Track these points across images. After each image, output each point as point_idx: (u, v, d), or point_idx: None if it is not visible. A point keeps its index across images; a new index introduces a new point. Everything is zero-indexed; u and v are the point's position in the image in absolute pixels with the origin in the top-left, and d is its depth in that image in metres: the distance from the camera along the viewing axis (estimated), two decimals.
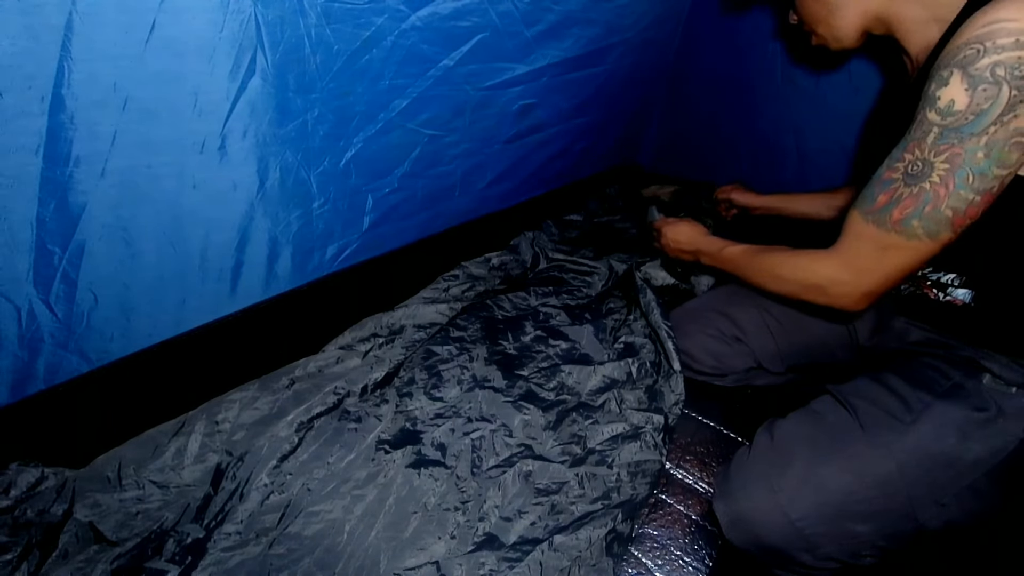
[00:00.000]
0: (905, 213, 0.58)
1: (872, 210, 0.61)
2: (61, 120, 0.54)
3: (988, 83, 0.51)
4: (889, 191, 0.59)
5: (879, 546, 0.63)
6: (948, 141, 0.54)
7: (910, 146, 0.57)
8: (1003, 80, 0.50)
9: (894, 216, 0.58)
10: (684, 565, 0.70)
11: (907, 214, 0.57)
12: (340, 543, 0.65)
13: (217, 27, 0.60)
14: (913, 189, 0.57)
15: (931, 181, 0.55)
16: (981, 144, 0.52)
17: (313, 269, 0.89)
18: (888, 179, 0.60)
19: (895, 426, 0.63)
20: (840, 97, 1.22)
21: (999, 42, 0.50)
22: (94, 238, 0.62)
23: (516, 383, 0.89)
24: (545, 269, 1.24)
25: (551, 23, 0.99)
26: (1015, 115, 0.51)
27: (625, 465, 0.77)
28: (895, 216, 0.58)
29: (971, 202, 0.54)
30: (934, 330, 0.73)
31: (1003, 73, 0.50)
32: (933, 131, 0.55)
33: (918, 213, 0.57)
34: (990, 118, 0.51)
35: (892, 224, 0.59)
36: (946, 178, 0.54)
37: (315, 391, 0.81)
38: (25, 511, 0.64)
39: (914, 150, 0.57)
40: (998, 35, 0.50)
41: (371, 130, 0.83)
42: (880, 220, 0.60)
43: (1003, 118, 0.51)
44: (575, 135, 1.31)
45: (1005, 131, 0.51)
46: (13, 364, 0.63)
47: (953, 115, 0.53)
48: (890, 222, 0.59)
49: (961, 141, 0.53)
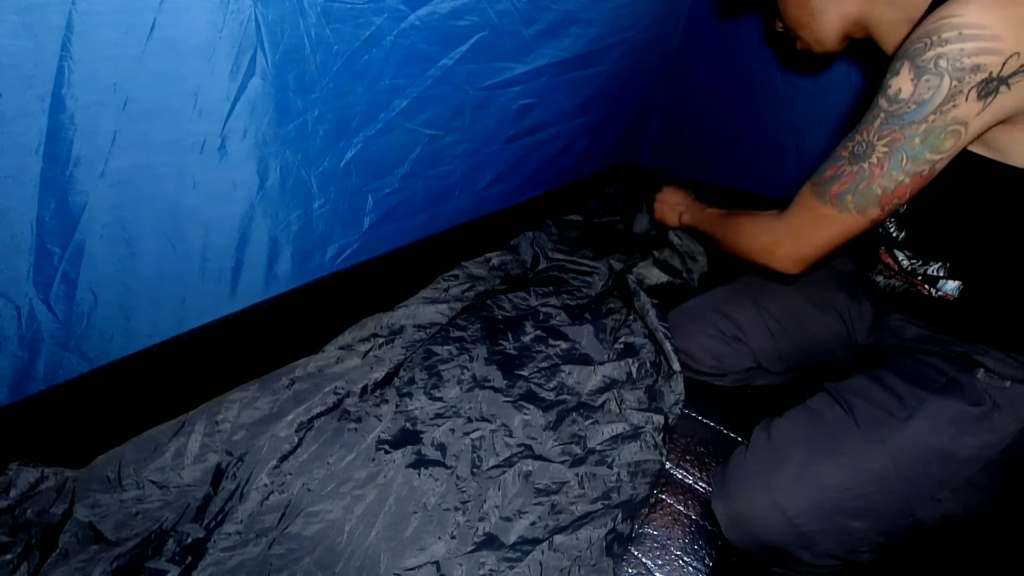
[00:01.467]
0: (843, 188, 0.62)
1: (818, 182, 0.66)
2: (61, 120, 0.54)
3: (931, 74, 0.54)
4: (835, 167, 0.64)
5: (877, 542, 0.63)
6: (891, 127, 0.57)
7: (861, 129, 0.61)
8: (945, 71, 0.53)
9: (833, 190, 0.63)
10: (684, 565, 0.70)
11: (844, 189, 0.62)
12: (340, 543, 0.65)
13: (217, 27, 0.60)
14: (854, 167, 0.61)
15: (870, 162, 0.60)
16: (920, 131, 0.56)
17: (313, 269, 0.89)
18: (838, 156, 0.64)
19: (890, 422, 0.64)
20: (840, 97, 1.22)
21: (944, 35, 0.53)
22: (94, 238, 0.62)
23: (516, 383, 0.89)
24: (545, 269, 1.24)
25: (550, 22, 0.99)
26: (954, 104, 0.54)
27: (625, 465, 0.77)
28: (833, 190, 0.63)
29: (900, 183, 0.59)
30: (929, 326, 0.73)
31: (945, 64, 0.53)
32: (880, 116, 0.58)
33: (852, 189, 0.62)
34: (931, 107, 0.54)
35: (830, 197, 0.64)
36: (883, 160, 0.59)
37: (315, 391, 0.81)
38: (25, 511, 0.64)
39: (864, 132, 0.60)
40: (944, 29, 0.53)
41: (371, 130, 0.83)
42: (821, 192, 0.65)
43: (942, 107, 0.54)
44: (575, 135, 1.30)
45: (943, 119, 0.54)
46: (13, 364, 0.63)
47: (898, 103, 0.56)
48: (829, 195, 0.64)
49: (903, 127, 0.57)
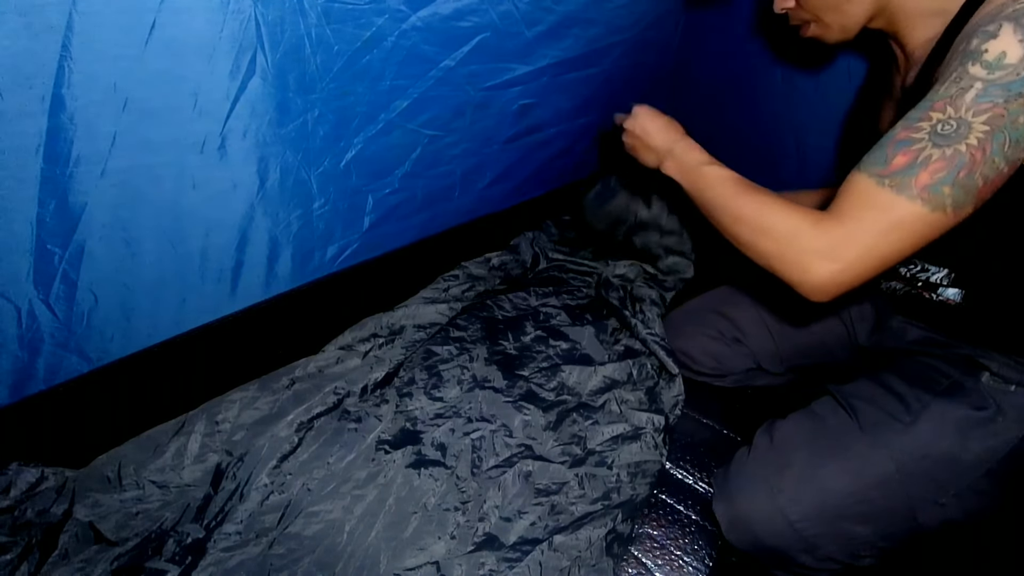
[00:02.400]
0: (936, 177, 0.48)
1: (888, 172, 0.50)
2: (61, 120, 0.54)
3: None
4: (910, 152, 0.50)
5: (879, 547, 0.63)
6: (991, 99, 0.47)
7: (938, 104, 0.50)
8: None
9: (921, 179, 0.49)
10: (684, 565, 0.70)
11: (938, 178, 0.48)
12: (340, 543, 0.65)
13: (217, 27, 0.60)
14: (946, 150, 0.48)
15: (967, 143, 0.47)
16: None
17: (313, 269, 0.89)
18: (906, 139, 0.50)
19: (894, 426, 0.63)
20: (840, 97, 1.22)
21: None
22: (94, 238, 0.62)
23: (516, 383, 0.89)
24: (545, 269, 1.24)
25: (551, 23, 0.99)
26: None
27: (625, 465, 0.77)
28: (922, 180, 0.49)
29: (999, 172, 0.48)
30: (932, 329, 0.73)
31: None
32: (975, 86, 0.48)
33: (950, 178, 0.48)
34: None
35: (918, 189, 0.49)
36: (984, 141, 0.47)
37: (315, 391, 0.81)
38: (25, 511, 0.64)
39: (945, 108, 0.49)
40: None
41: (372, 130, 0.83)
42: (902, 184, 0.49)
43: None
44: (575, 135, 1.30)
45: None
46: (13, 364, 0.63)
47: (1003, 68, 0.47)
48: (916, 186, 0.49)
49: (1007, 100, 0.46)
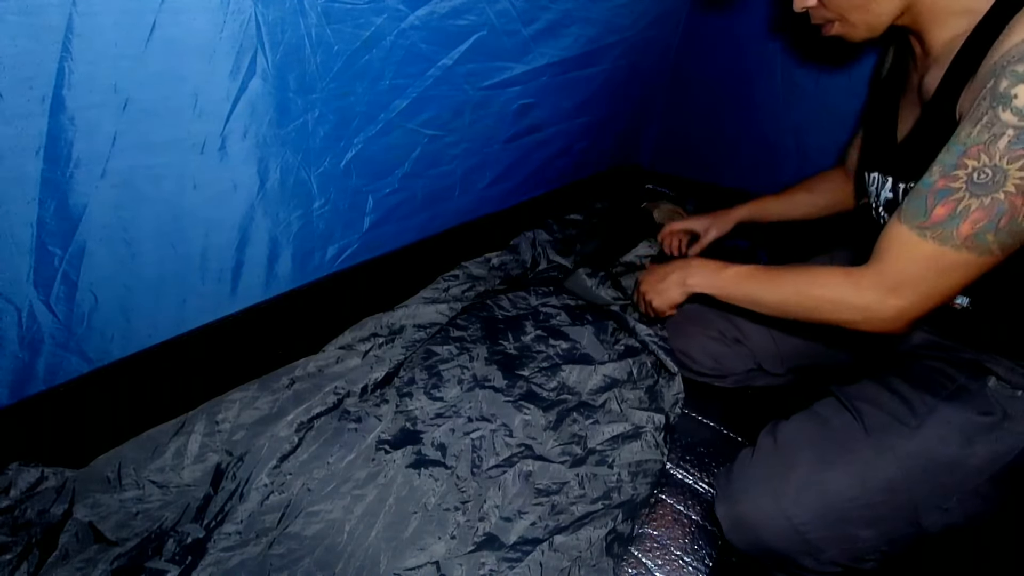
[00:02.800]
0: (977, 227, 0.51)
1: (929, 224, 0.54)
2: (61, 121, 0.54)
3: None
4: (950, 202, 0.52)
5: (881, 550, 0.62)
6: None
7: (972, 150, 0.51)
8: None
9: (963, 231, 0.52)
10: (684, 565, 0.70)
11: (979, 228, 0.51)
12: (340, 543, 0.65)
13: (217, 27, 0.60)
14: (984, 200, 0.50)
15: (1005, 191, 0.49)
16: None
17: (313, 269, 0.89)
18: (945, 188, 0.53)
19: (900, 430, 0.63)
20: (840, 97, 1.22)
21: None
22: (94, 239, 0.62)
23: (516, 383, 0.89)
24: (545, 269, 1.24)
25: (549, 22, 0.99)
26: None
27: (626, 465, 0.77)
28: (964, 231, 0.52)
29: None
30: (937, 332, 0.72)
31: None
32: (1007, 133, 0.49)
33: (992, 226, 0.51)
34: None
35: (961, 240, 0.52)
36: (1022, 187, 0.49)
37: (315, 391, 0.81)
38: (25, 511, 0.64)
39: (979, 155, 0.50)
40: None
41: (371, 130, 0.84)
42: (944, 236, 0.53)
43: None
44: (575, 135, 1.31)
45: None
46: (13, 364, 0.63)
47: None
48: (959, 237, 0.52)
49: None
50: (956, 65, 0.59)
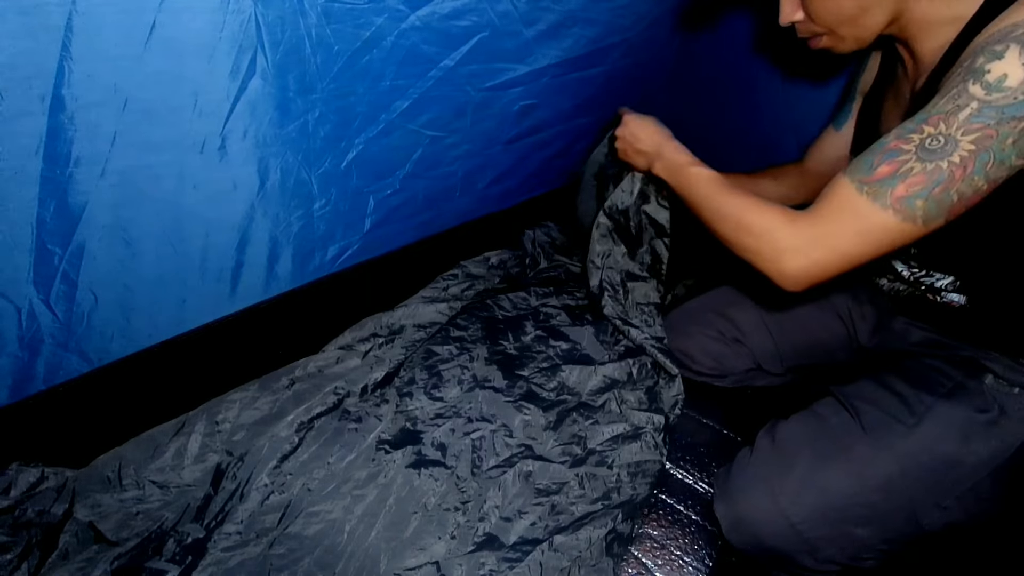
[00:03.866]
0: (912, 190, 0.51)
1: (869, 180, 0.54)
2: (61, 120, 0.54)
3: None
4: (894, 163, 0.53)
5: (880, 549, 0.63)
6: (984, 119, 0.48)
7: (933, 119, 0.51)
8: None
9: (897, 191, 0.52)
10: (684, 565, 0.70)
11: (913, 191, 0.51)
12: (340, 543, 0.65)
13: (217, 27, 0.60)
14: (927, 165, 0.51)
15: (950, 160, 0.49)
16: (1017, 129, 0.47)
17: (314, 270, 0.89)
18: (895, 149, 0.53)
19: (898, 429, 0.63)
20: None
21: None
22: (94, 238, 0.62)
23: (516, 383, 0.89)
24: (545, 269, 1.24)
25: (551, 23, 0.99)
26: None
27: (625, 465, 0.77)
28: (899, 192, 0.52)
29: (978, 190, 0.50)
30: (935, 330, 0.73)
31: None
32: (971, 106, 0.49)
33: (925, 192, 0.51)
34: None
35: (893, 200, 0.52)
36: (967, 160, 0.49)
37: (315, 391, 0.81)
38: (25, 511, 0.64)
39: (938, 123, 0.51)
40: None
41: (372, 131, 0.83)
42: (877, 193, 0.53)
43: None
44: (576, 135, 1.30)
45: None
46: (13, 364, 0.63)
47: (1001, 91, 0.48)
48: (891, 197, 0.52)
49: (999, 122, 0.48)
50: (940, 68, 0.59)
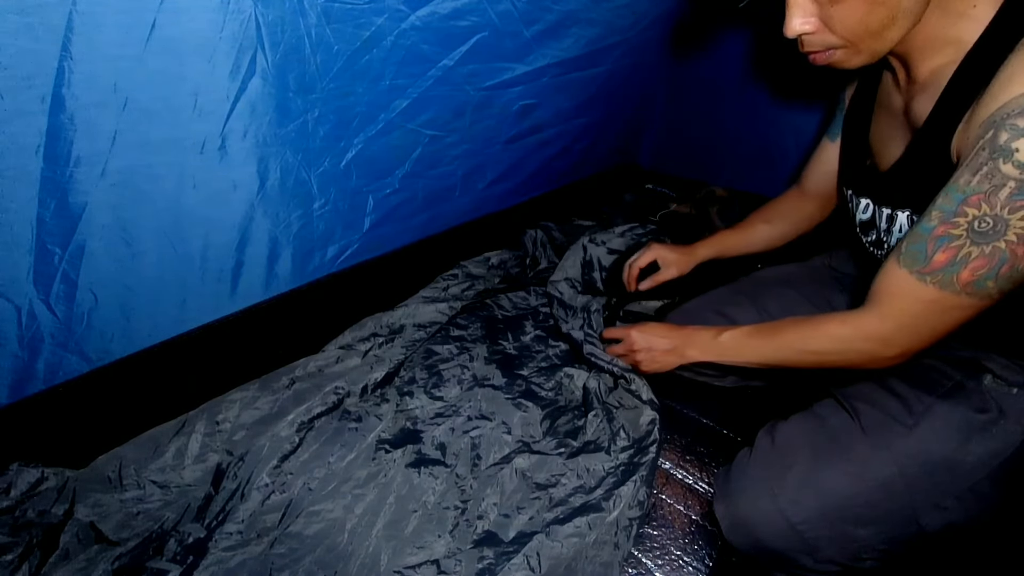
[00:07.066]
0: (977, 275, 0.54)
1: (929, 270, 0.56)
2: (61, 120, 0.54)
3: None
4: (950, 249, 0.55)
5: (880, 549, 0.63)
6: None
7: (972, 199, 0.52)
8: None
9: (963, 277, 0.54)
10: (684, 565, 0.70)
11: (980, 275, 0.54)
12: (341, 542, 0.65)
13: (217, 27, 0.60)
14: (984, 248, 0.53)
15: (1007, 240, 0.51)
16: None
17: (313, 269, 0.89)
18: (945, 235, 0.55)
19: (897, 429, 0.63)
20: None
21: None
22: (94, 238, 0.62)
23: (516, 382, 0.89)
24: (545, 269, 1.24)
25: (550, 23, 0.99)
26: None
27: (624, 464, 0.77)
28: (964, 278, 0.54)
29: None
30: None
31: None
32: (1009, 185, 0.50)
33: (993, 274, 0.53)
34: None
35: (962, 286, 0.55)
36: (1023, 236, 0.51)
37: (315, 391, 0.81)
38: (26, 511, 0.64)
39: (980, 204, 0.52)
40: None
41: (372, 131, 0.84)
42: (945, 282, 0.56)
43: None
44: (575, 135, 1.31)
45: None
46: (13, 364, 0.63)
47: None
48: (959, 283, 0.55)
49: None
50: (948, 96, 0.59)
